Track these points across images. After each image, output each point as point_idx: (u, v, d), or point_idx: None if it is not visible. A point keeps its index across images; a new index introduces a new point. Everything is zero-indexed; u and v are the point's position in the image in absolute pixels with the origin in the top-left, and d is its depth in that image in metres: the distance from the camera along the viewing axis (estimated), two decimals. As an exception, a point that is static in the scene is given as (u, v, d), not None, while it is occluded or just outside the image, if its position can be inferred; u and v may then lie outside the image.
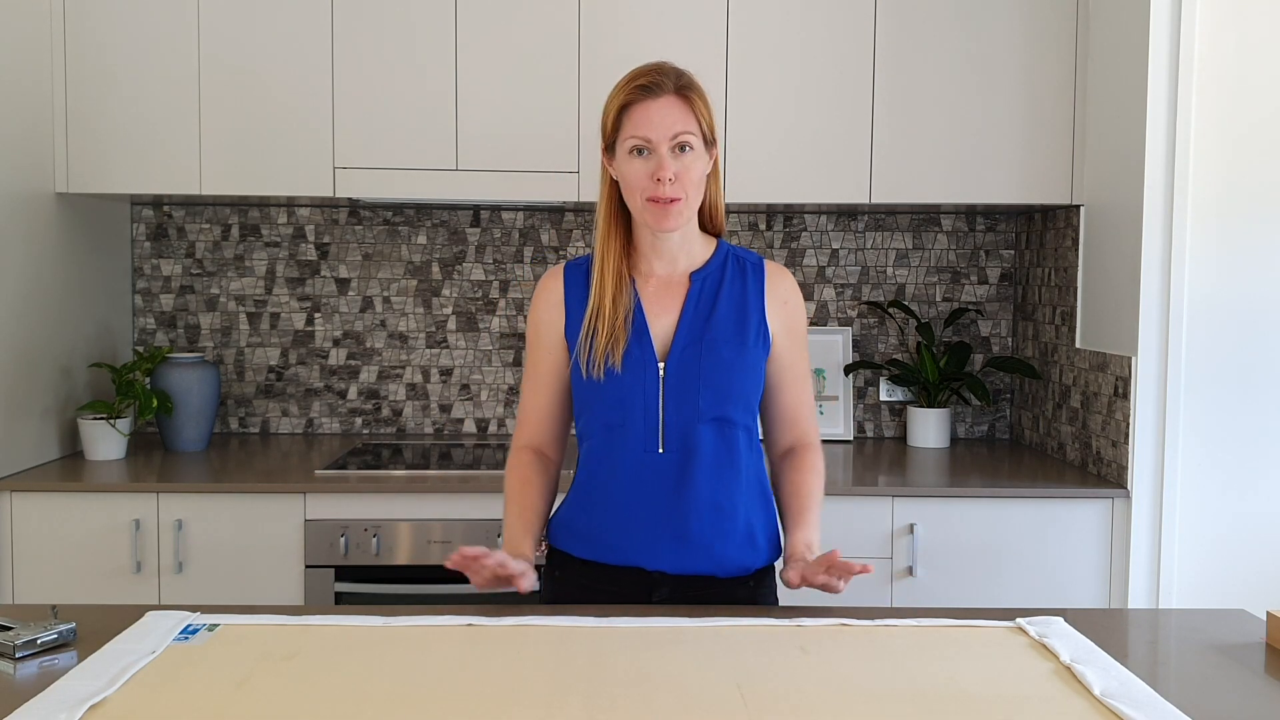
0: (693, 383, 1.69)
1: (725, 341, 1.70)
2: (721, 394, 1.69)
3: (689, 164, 1.65)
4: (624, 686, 1.28)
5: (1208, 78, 2.46)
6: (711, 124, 1.69)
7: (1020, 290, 3.21)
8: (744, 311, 1.73)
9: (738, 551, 1.72)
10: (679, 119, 1.65)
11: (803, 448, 1.80)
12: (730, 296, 1.74)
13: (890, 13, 2.79)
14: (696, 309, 1.72)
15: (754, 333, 1.72)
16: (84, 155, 2.77)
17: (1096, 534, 2.57)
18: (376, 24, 2.77)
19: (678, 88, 1.65)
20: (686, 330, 1.71)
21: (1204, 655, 1.45)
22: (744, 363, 1.71)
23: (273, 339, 3.22)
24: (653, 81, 1.65)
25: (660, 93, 1.64)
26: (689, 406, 1.68)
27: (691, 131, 1.65)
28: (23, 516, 2.52)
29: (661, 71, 1.66)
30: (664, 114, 1.64)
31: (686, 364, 1.69)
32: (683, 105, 1.66)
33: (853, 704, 1.24)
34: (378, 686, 1.28)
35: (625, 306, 1.70)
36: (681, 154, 1.65)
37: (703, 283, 1.74)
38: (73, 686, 1.26)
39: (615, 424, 1.70)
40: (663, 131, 1.63)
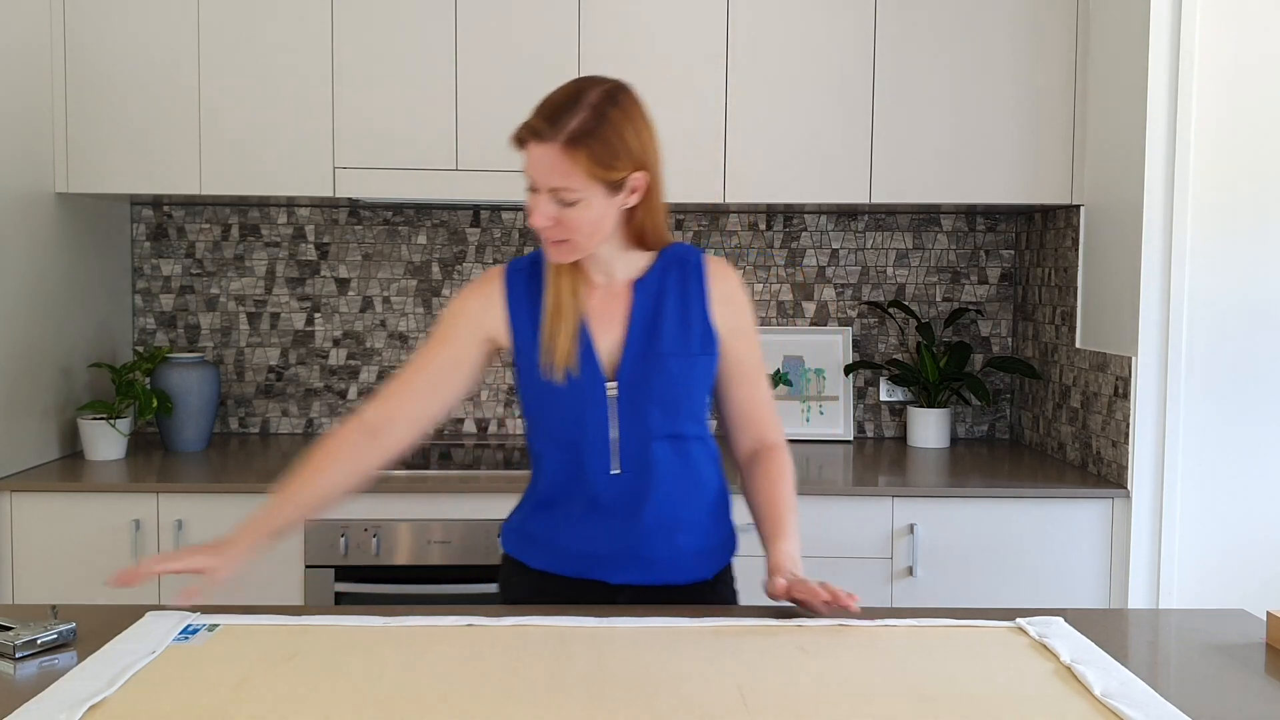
0: (644, 402, 1.64)
1: (673, 354, 1.64)
2: (673, 410, 1.65)
3: (573, 214, 1.53)
4: (624, 686, 1.28)
5: (1208, 78, 2.46)
6: (614, 169, 1.53)
7: (1020, 290, 3.21)
8: (687, 317, 1.66)
9: (697, 560, 1.71)
10: (557, 174, 1.51)
11: (768, 450, 1.74)
12: (673, 303, 1.67)
13: (890, 13, 2.79)
14: (641, 322, 1.65)
15: (699, 338, 1.66)
16: (84, 155, 2.77)
17: (1096, 534, 2.57)
18: (376, 24, 2.77)
19: (569, 140, 1.50)
20: (634, 345, 1.64)
21: (1204, 655, 1.45)
22: (693, 373, 1.66)
23: (273, 339, 3.22)
24: (543, 126, 1.51)
25: (544, 140, 1.50)
26: (642, 426, 1.64)
27: (571, 188, 1.51)
28: (23, 516, 2.52)
29: (565, 109, 1.51)
30: (542, 164, 1.52)
31: (637, 382, 1.64)
32: (566, 160, 1.50)
33: (853, 704, 1.24)
34: (378, 686, 1.28)
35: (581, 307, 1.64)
36: (563, 204, 1.53)
37: (645, 293, 1.66)
38: (73, 686, 1.26)
39: (569, 441, 1.66)
40: (540, 181, 1.53)
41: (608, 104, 1.54)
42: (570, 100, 1.52)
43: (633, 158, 1.55)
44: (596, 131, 1.51)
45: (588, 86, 1.55)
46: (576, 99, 1.53)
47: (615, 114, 1.54)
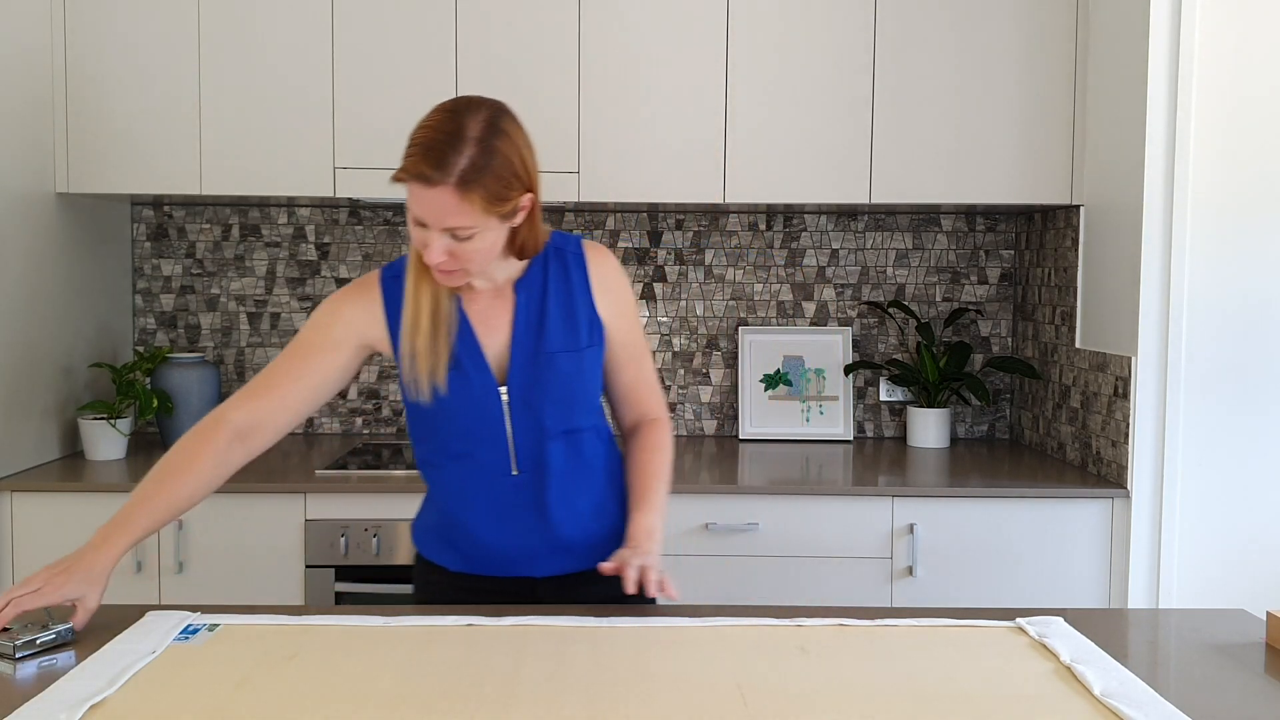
0: (537, 403, 1.64)
1: (561, 351, 1.64)
2: (566, 407, 1.66)
3: (468, 247, 1.51)
4: (624, 686, 1.28)
5: (1208, 78, 2.46)
6: (507, 201, 1.50)
7: (1020, 290, 3.21)
8: (572, 310, 1.66)
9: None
10: (451, 215, 1.47)
11: (648, 424, 1.77)
12: (557, 298, 1.66)
13: (890, 13, 2.79)
14: (527, 323, 1.64)
15: (586, 330, 1.67)
16: (84, 155, 2.77)
17: (1096, 534, 2.57)
18: (376, 24, 2.77)
19: (460, 181, 1.45)
20: (521, 348, 1.64)
21: (1204, 655, 1.45)
22: (582, 368, 1.66)
23: (273, 339, 3.22)
24: (430, 171, 1.45)
25: (435, 184, 1.45)
26: (536, 427, 1.65)
27: (467, 226, 1.48)
28: (23, 516, 2.52)
29: (450, 148, 1.45)
30: (434, 206, 1.47)
31: (527, 385, 1.63)
32: (460, 201, 1.46)
33: (853, 704, 1.24)
34: (378, 686, 1.28)
35: (447, 321, 1.61)
36: (457, 240, 1.50)
37: (528, 292, 1.65)
38: (73, 687, 1.26)
39: (462, 453, 1.66)
40: (434, 221, 1.48)
41: (492, 135, 1.48)
42: (453, 137, 1.46)
43: (522, 183, 1.53)
44: (488, 167, 1.47)
45: (466, 118, 1.48)
46: (459, 134, 1.46)
47: (502, 145, 1.49)
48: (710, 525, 2.54)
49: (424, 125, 1.49)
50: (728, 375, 3.25)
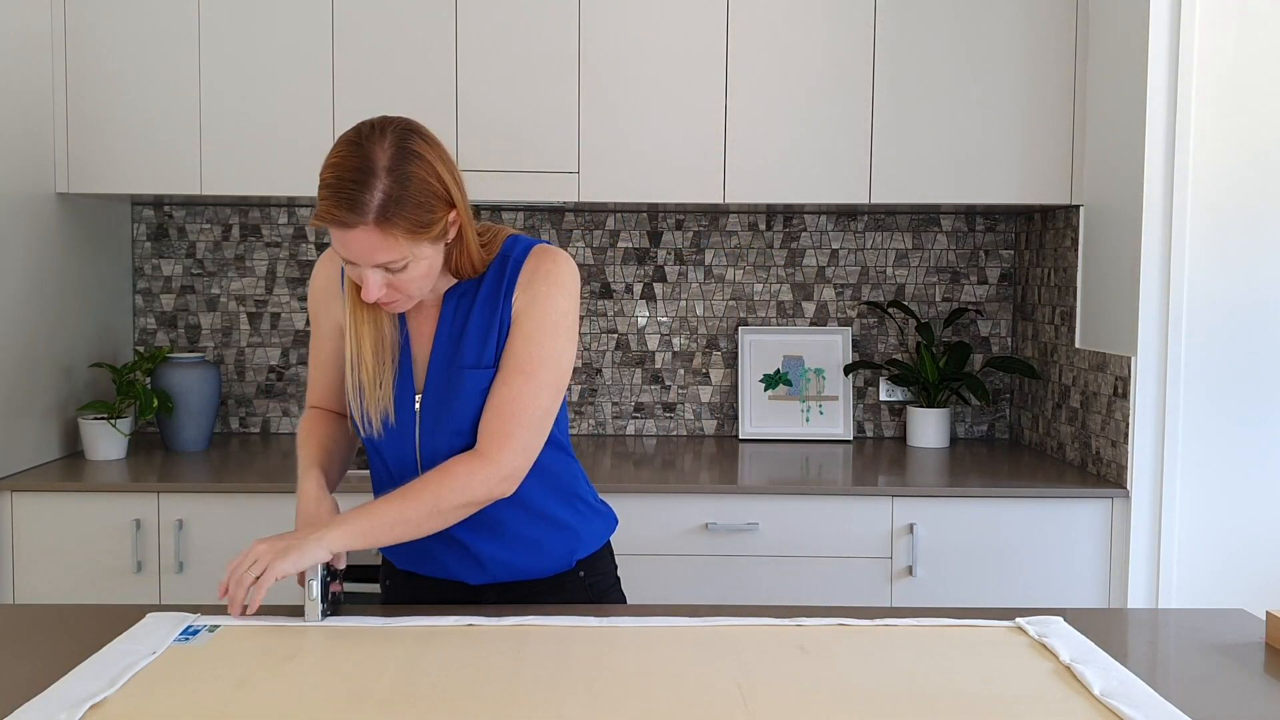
0: (445, 416, 1.57)
1: (473, 365, 1.56)
2: (463, 432, 1.56)
3: (404, 276, 1.47)
4: (624, 686, 1.28)
5: (1208, 78, 2.46)
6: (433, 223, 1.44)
7: (1020, 290, 3.21)
8: (491, 320, 1.57)
9: (557, 547, 1.68)
10: (379, 252, 1.42)
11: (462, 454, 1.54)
12: (483, 306, 1.57)
13: (890, 13, 2.79)
14: (450, 332, 1.58)
15: (496, 342, 1.57)
16: (84, 155, 2.77)
17: (1096, 534, 2.57)
18: (376, 24, 2.77)
19: (379, 216, 1.40)
20: (438, 359, 1.58)
21: (1204, 655, 1.45)
22: (487, 385, 1.56)
23: (273, 339, 3.22)
24: (346, 214, 1.39)
25: (353, 226, 1.40)
26: (444, 440, 1.57)
27: (397, 259, 1.44)
28: (23, 516, 2.52)
29: (361, 185, 1.39)
30: (359, 246, 1.42)
31: (439, 397, 1.57)
32: (383, 237, 1.41)
33: (853, 704, 1.24)
34: (378, 686, 1.28)
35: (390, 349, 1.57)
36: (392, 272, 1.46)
37: (457, 299, 1.59)
38: (73, 687, 1.26)
39: (376, 449, 1.62)
40: (364, 259, 1.44)
41: (402, 160, 1.42)
42: (361, 173, 1.40)
43: (445, 201, 1.46)
44: (405, 196, 1.41)
45: (372, 148, 1.42)
46: (367, 168, 1.40)
47: (415, 168, 1.42)
48: (710, 525, 2.54)
49: (330, 163, 1.43)
50: (728, 375, 3.25)
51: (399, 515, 1.50)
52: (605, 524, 1.77)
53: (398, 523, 1.50)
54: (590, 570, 1.73)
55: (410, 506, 1.50)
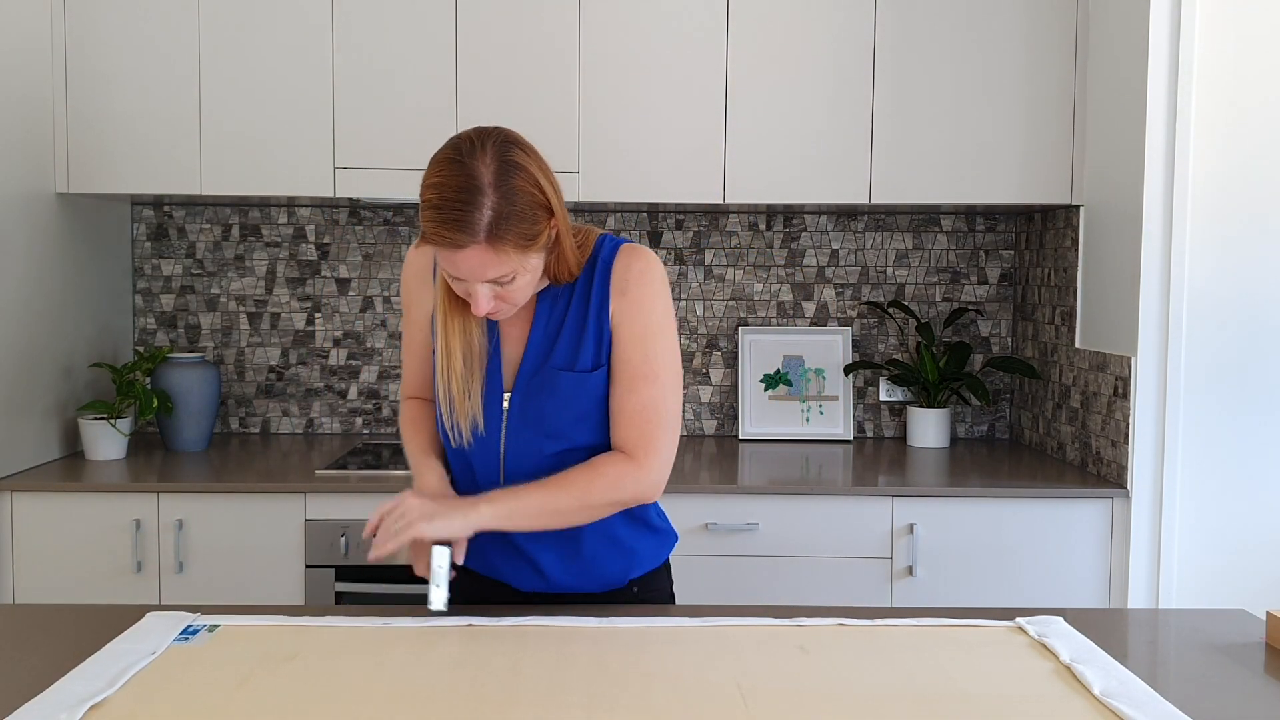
0: (534, 417, 1.57)
1: (565, 369, 1.56)
2: (563, 427, 1.57)
3: (512, 288, 1.47)
4: (624, 686, 1.28)
5: (1207, 78, 2.46)
6: (538, 235, 1.44)
7: (1020, 290, 3.21)
8: (584, 323, 1.56)
9: (608, 566, 1.66)
10: (490, 268, 1.42)
11: (609, 452, 1.57)
12: (578, 309, 1.57)
13: (890, 13, 2.79)
14: (544, 334, 1.58)
15: (593, 345, 1.56)
16: (84, 155, 2.77)
17: (1096, 534, 2.57)
18: (376, 24, 2.77)
19: (490, 234, 1.39)
20: (530, 359, 1.58)
21: (1204, 655, 1.45)
22: (586, 390, 1.56)
23: (273, 339, 3.22)
24: (458, 235, 1.39)
25: (463, 246, 1.40)
26: (529, 443, 1.58)
27: (508, 272, 1.44)
28: (23, 516, 2.52)
29: (469, 203, 1.38)
30: (470, 264, 1.42)
31: (527, 397, 1.57)
32: (494, 254, 1.41)
33: (853, 704, 1.24)
34: (378, 686, 1.28)
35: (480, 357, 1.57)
36: (501, 285, 1.46)
37: (551, 301, 1.58)
38: (73, 687, 1.26)
39: (460, 449, 1.62)
40: (475, 276, 1.44)
41: (507, 174, 1.41)
42: (467, 191, 1.39)
43: (546, 209, 1.46)
44: (512, 211, 1.40)
45: (474, 164, 1.40)
46: (473, 186, 1.39)
47: (519, 181, 1.42)
48: (710, 525, 2.54)
49: (432, 181, 1.41)
50: (728, 375, 3.25)
51: (548, 504, 1.51)
52: (664, 544, 1.74)
53: (546, 511, 1.51)
54: (644, 586, 1.71)
55: (560, 497, 1.51)
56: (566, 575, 1.65)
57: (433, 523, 1.47)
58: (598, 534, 1.63)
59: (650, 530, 1.71)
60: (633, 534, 1.68)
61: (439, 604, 1.51)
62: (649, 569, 1.71)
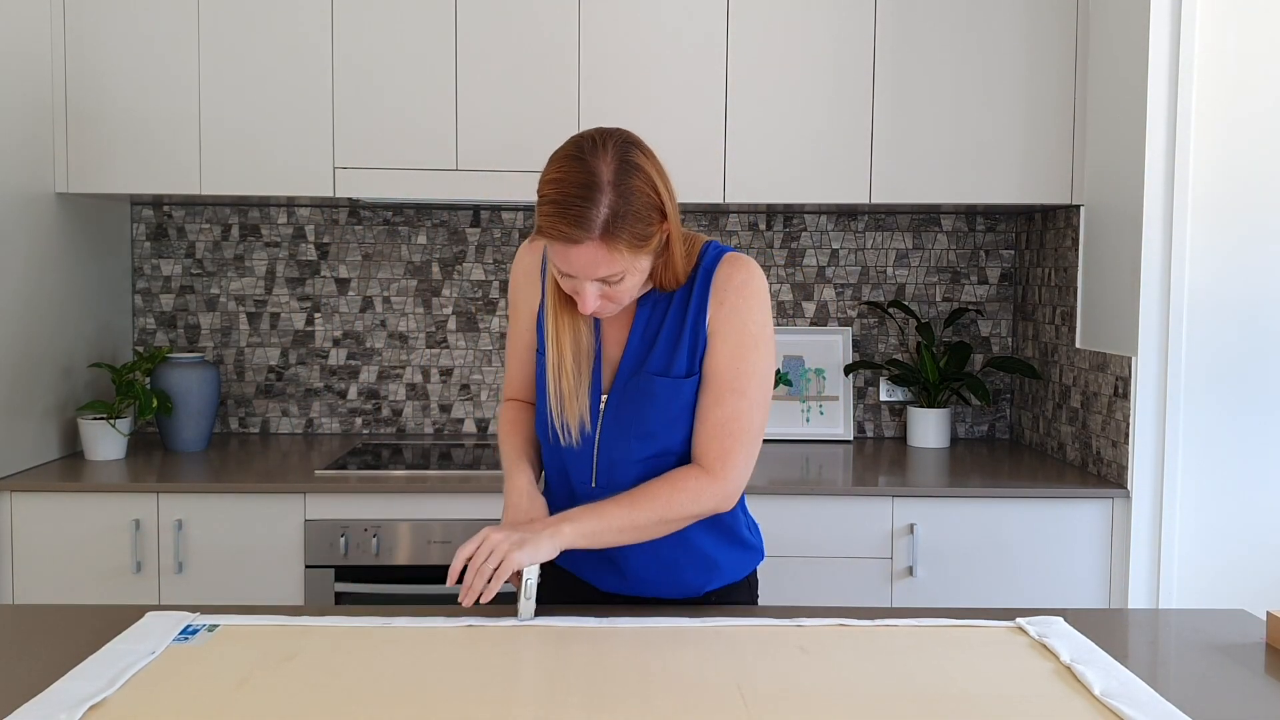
0: (628, 420, 1.58)
1: (661, 373, 1.56)
2: (655, 431, 1.58)
3: (620, 287, 1.48)
4: (624, 686, 1.28)
5: (1208, 78, 2.46)
6: (651, 236, 1.45)
7: (1020, 290, 3.21)
8: (682, 329, 1.57)
9: (689, 576, 1.66)
10: (602, 266, 1.44)
11: (687, 465, 1.58)
12: (676, 315, 1.57)
13: (890, 13, 2.79)
14: (642, 337, 1.58)
15: (687, 352, 1.57)
16: (84, 155, 2.77)
17: (1096, 534, 2.57)
18: (376, 24, 2.77)
19: (605, 231, 1.40)
20: (628, 363, 1.59)
21: (1204, 655, 1.45)
22: (678, 395, 1.57)
23: (273, 339, 3.22)
24: (574, 231, 1.40)
25: (578, 242, 1.41)
26: (622, 445, 1.59)
27: (618, 272, 1.45)
28: (23, 516, 2.52)
29: (588, 200, 1.40)
30: (582, 261, 1.43)
31: (623, 400, 1.58)
32: (607, 251, 1.42)
33: (853, 704, 1.24)
34: (378, 687, 1.28)
35: (588, 355, 1.58)
36: (610, 284, 1.47)
37: (652, 305, 1.59)
38: (72, 687, 1.26)
39: (556, 445, 1.63)
40: (586, 273, 1.45)
41: (626, 174, 1.42)
42: (586, 188, 1.40)
43: (660, 212, 1.46)
44: (629, 211, 1.41)
45: (595, 162, 1.42)
46: (592, 183, 1.41)
47: (637, 182, 1.43)
48: (710, 525, 2.54)
49: (552, 177, 1.43)
50: (728, 375, 3.24)
51: (628, 520, 1.52)
52: (750, 559, 1.74)
53: (626, 528, 1.52)
54: (723, 598, 1.71)
55: (640, 513, 1.52)
56: (647, 578, 1.65)
57: (524, 550, 1.46)
58: (683, 543, 1.63)
59: (739, 544, 1.71)
60: (718, 545, 1.68)
61: (528, 615, 1.52)
62: (729, 582, 1.71)
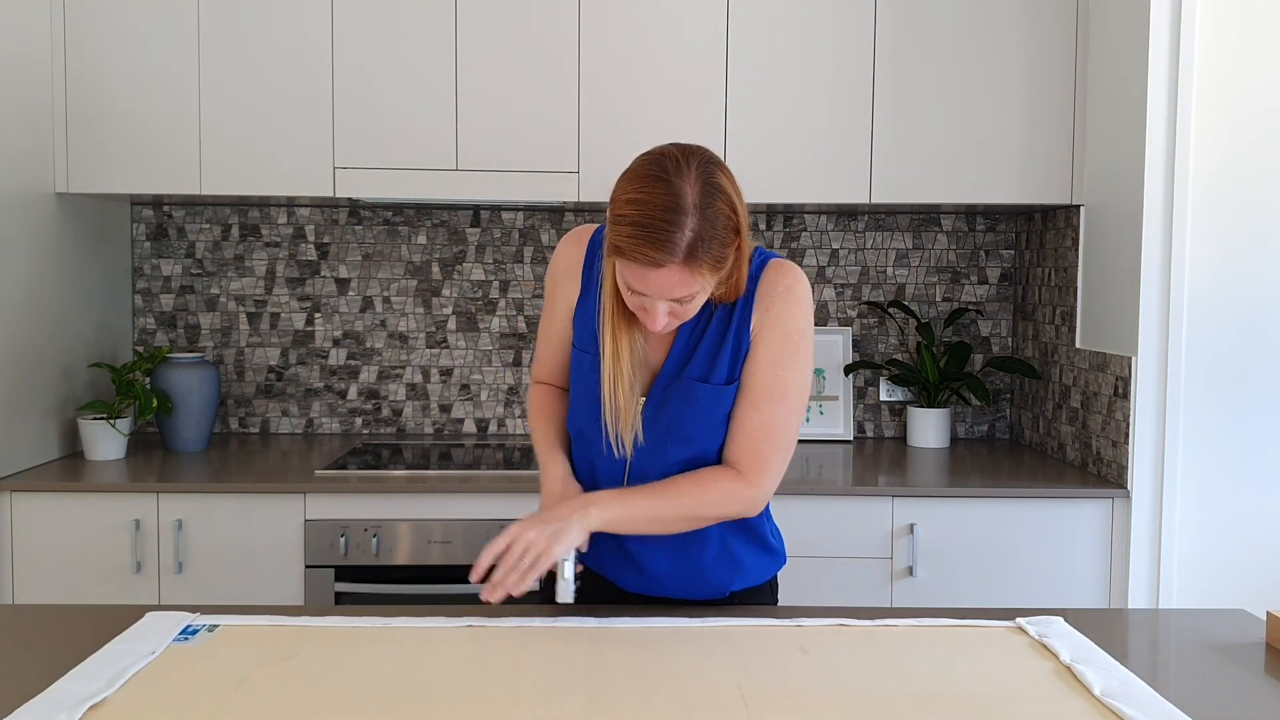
0: (664, 423, 1.57)
1: (701, 378, 1.55)
2: (689, 441, 1.58)
3: (689, 306, 1.46)
4: (624, 686, 1.28)
5: (1208, 78, 2.46)
6: (728, 256, 1.43)
7: (1020, 290, 3.21)
8: (725, 335, 1.56)
9: (713, 577, 1.66)
10: (680, 288, 1.41)
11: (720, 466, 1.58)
12: (720, 321, 1.56)
13: (890, 13, 2.79)
14: (686, 343, 1.57)
15: (729, 359, 1.55)
16: (84, 155, 2.77)
17: (1096, 534, 2.57)
18: (376, 24, 2.77)
19: (688, 255, 1.37)
20: (670, 367, 1.57)
21: (1204, 655, 1.45)
22: (719, 401, 1.56)
23: (273, 339, 3.22)
24: (660, 256, 1.37)
25: (661, 265, 1.38)
26: (657, 451, 1.58)
27: (694, 291, 1.43)
28: (23, 516, 2.52)
29: (673, 224, 1.36)
30: (661, 284, 1.40)
31: (661, 403, 1.57)
32: (688, 274, 1.39)
33: (853, 704, 1.24)
34: (378, 687, 1.28)
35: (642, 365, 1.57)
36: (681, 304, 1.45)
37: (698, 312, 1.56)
38: (72, 687, 1.26)
39: (588, 439, 1.63)
40: (663, 294, 1.42)
41: (710, 196, 1.39)
42: (672, 211, 1.37)
43: (736, 233, 1.44)
44: (712, 234, 1.39)
45: (681, 184, 1.39)
46: (678, 206, 1.37)
47: (720, 203, 1.40)
48: (710, 525, 2.54)
49: (634, 198, 1.40)
50: (728, 375, 3.24)
51: (655, 513, 1.52)
52: (773, 563, 1.74)
53: (653, 520, 1.53)
54: (745, 600, 1.71)
55: (668, 508, 1.52)
56: (670, 578, 1.65)
57: (561, 542, 1.45)
58: (707, 543, 1.63)
59: (763, 547, 1.71)
60: (744, 548, 1.68)
61: (568, 597, 1.51)
62: (752, 584, 1.71)
